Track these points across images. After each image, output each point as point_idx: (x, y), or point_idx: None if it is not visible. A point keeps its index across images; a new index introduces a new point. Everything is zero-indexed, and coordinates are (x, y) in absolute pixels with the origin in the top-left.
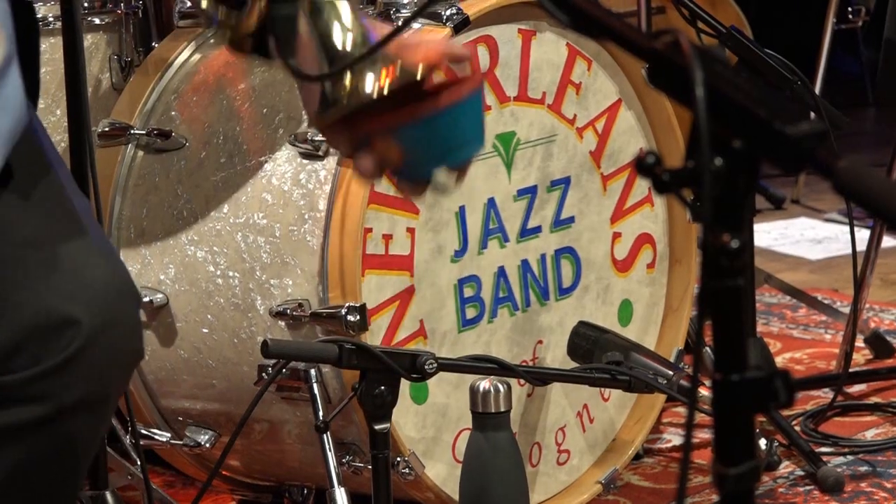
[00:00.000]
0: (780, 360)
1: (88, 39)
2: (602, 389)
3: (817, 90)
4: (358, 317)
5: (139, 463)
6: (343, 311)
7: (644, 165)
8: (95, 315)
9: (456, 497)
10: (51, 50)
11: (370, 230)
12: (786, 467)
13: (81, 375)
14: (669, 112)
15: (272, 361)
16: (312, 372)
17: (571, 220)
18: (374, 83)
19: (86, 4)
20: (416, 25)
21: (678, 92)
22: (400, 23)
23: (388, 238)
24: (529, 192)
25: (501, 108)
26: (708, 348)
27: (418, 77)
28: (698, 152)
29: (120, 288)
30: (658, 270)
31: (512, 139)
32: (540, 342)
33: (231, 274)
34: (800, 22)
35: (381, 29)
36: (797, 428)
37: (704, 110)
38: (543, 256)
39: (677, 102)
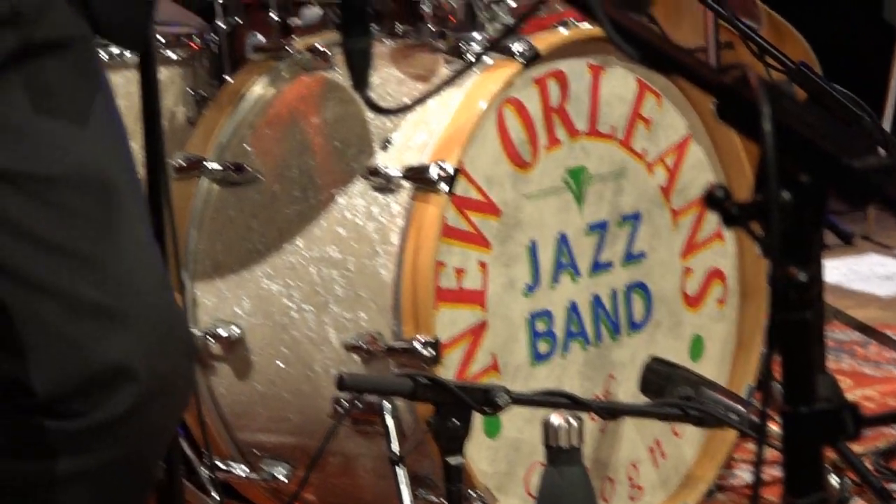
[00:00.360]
0: (850, 397)
1: (163, 73)
2: (674, 425)
3: (886, 126)
4: (431, 351)
5: (216, 496)
6: (417, 345)
7: (713, 199)
8: (153, 373)
9: None
10: (126, 84)
11: (443, 264)
12: None
13: (134, 432)
14: (738, 147)
15: (347, 395)
16: (387, 405)
17: (642, 254)
18: None
19: (161, 39)
20: (487, 60)
21: (746, 126)
22: (472, 57)
23: (460, 272)
24: (600, 227)
25: (572, 143)
26: (777, 383)
27: None
28: (766, 186)
29: (179, 342)
30: (729, 306)
31: (583, 174)
32: (612, 377)
33: (305, 307)
34: (868, 58)
35: None
36: (868, 465)
37: (772, 144)
38: (615, 291)
39: (746, 137)
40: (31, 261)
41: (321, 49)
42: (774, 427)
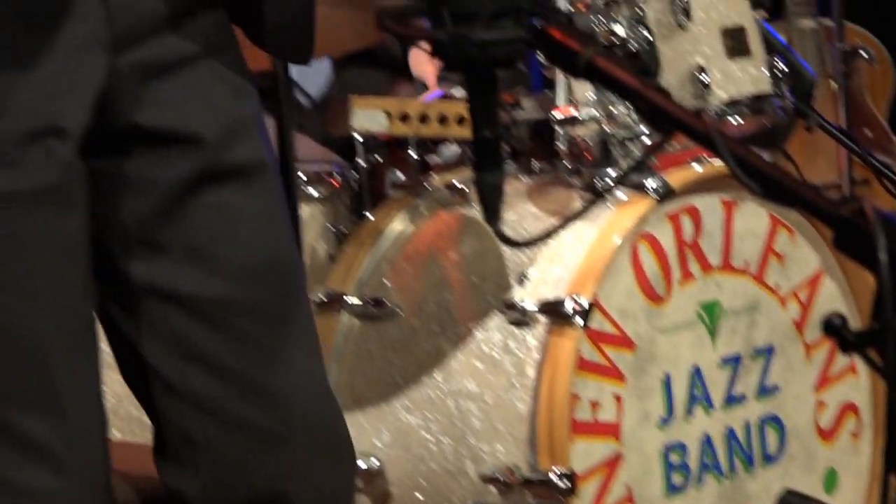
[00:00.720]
0: None
1: (305, 210)
2: None
3: None
4: (567, 483)
5: None
6: (552, 477)
7: (830, 326)
8: (313, 493)
9: None
10: None
11: (578, 397)
12: None
13: None
14: (871, 280)
15: None
16: None
17: (776, 388)
18: None
19: (303, 177)
20: (621, 196)
21: (864, 256)
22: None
23: (595, 405)
24: (734, 361)
25: (706, 278)
26: None
27: None
28: (882, 314)
29: (341, 461)
30: (863, 440)
31: (716, 308)
32: None
33: (443, 440)
34: None
35: None
36: None
37: (887, 274)
38: (749, 424)
39: (863, 267)
40: (197, 381)
41: (458, 186)
42: None
